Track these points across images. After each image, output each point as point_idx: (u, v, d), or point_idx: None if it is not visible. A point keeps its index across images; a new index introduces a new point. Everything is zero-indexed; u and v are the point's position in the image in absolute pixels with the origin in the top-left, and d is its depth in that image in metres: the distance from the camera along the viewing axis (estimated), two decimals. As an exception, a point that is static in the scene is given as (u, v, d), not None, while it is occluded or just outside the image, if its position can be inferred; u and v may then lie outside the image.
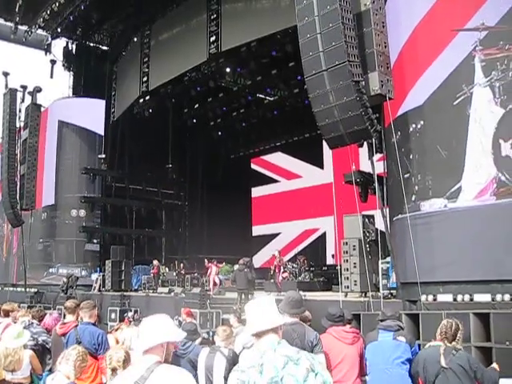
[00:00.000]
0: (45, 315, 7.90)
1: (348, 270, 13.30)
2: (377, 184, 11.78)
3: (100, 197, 27.34)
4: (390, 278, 12.28)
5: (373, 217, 13.79)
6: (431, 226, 10.45)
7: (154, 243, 29.51)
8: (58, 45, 27.67)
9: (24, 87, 23.95)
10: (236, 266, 16.60)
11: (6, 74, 24.02)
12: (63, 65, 28.22)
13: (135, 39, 26.32)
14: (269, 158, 31.45)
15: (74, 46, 28.26)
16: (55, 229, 26.69)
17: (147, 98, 26.68)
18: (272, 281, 19.12)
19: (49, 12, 23.11)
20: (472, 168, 9.90)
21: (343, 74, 10.07)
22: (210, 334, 9.33)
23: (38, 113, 23.47)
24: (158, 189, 30.37)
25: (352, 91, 10.04)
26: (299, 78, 20.42)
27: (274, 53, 23.06)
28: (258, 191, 31.71)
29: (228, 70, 25.76)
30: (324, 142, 11.82)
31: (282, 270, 18.83)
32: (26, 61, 30.76)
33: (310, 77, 10.64)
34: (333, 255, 24.32)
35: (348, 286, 13.19)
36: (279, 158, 30.66)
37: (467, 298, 9.53)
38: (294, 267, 20.08)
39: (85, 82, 28.01)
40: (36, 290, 23.29)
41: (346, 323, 5.90)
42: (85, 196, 26.28)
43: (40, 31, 25.57)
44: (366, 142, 11.81)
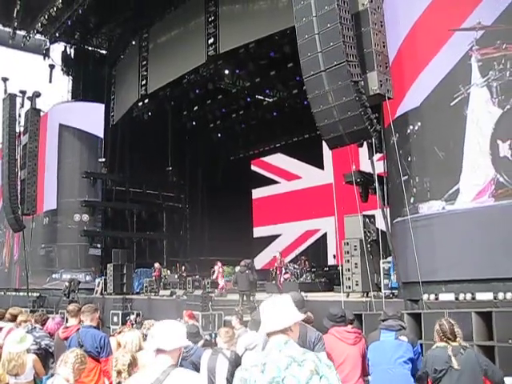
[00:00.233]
0: (47, 319, 7.92)
1: (349, 270, 13.30)
2: (377, 184, 11.79)
3: (101, 201, 27.29)
4: (391, 277, 12.29)
5: (373, 217, 13.80)
6: (430, 228, 10.43)
7: (155, 246, 29.50)
8: (57, 49, 27.68)
9: (23, 92, 23.98)
10: (237, 268, 16.59)
11: (5, 80, 24.07)
12: (62, 69, 28.22)
13: (133, 42, 26.31)
14: (269, 159, 31.45)
15: (73, 51, 28.23)
16: (58, 234, 26.53)
17: (146, 101, 26.68)
18: (273, 282, 19.13)
19: (47, 17, 23.11)
20: (470, 169, 9.86)
21: (342, 74, 10.08)
22: (212, 335, 9.36)
23: (37, 117, 23.48)
24: (158, 192, 30.35)
25: (351, 91, 10.05)
26: (298, 78, 20.46)
27: (272, 54, 23.03)
28: (258, 193, 31.71)
29: (227, 71, 25.75)
30: (324, 143, 11.83)
31: (284, 272, 18.84)
32: (25, 66, 30.82)
33: (308, 77, 10.64)
34: (334, 256, 24.33)
35: (350, 287, 13.20)
36: (279, 159, 30.66)
37: (469, 296, 9.53)
38: (295, 268, 20.07)
39: (84, 86, 28.00)
40: (38, 295, 23.27)
41: (347, 323, 5.90)
42: (86, 200, 26.20)
43: (38, 36, 25.54)
44: (365, 142, 11.82)
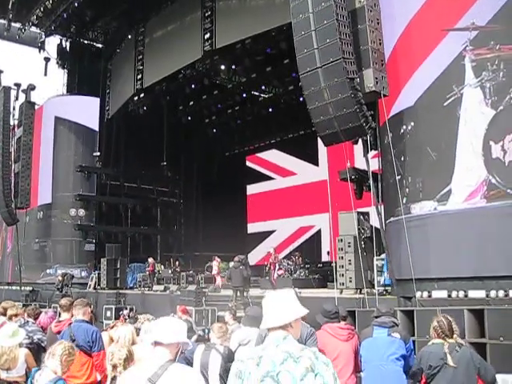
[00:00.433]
0: (40, 313, 7.89)
1: (343, 266, 13.33)
2: (371, 181, 11.80)
3: (95, 195, 27.22)
4: (385, 274, 12.33)
5: (368, 214, 13.84)
6: (423, 228, 10.44)
7: (149, 241, 29.51)
8: (52, 42, 27.62)
9: (18, 85, 23.86)
10: (231, 264, 16.61)
11: (-1, 72, 23.97)
12: (57, 62, 28.12)
13: (129, 37, 26.27)
14: (264, 155, 31.46)
15: (68, 44, 28.15)
16: (52, 228, 26.43)
17: (142, 95, 26.65)
18: (267, 278, 19.15)
19: (42, 9, 23.07)
20: (462, 170, 9.83)
21: (338, 70, 10.06)
22: (206, 331, 9.34)
23: (32, 111, 23.38)
24: (153, 186, 30.37)
25: (347, 88, 10.04)
26: (294, 75, 20.40)
27: (268, 50, 23.06)
28: (253, 188, 31.71)
29: (223, 67, 25.76)
30: (319, 139, 11.82)
31: (278, 268, 18.86)
32: (20, 58, 30.62)
33: (304, 74, 10.62)
34: (328, 252, 24.41)
35: (343, 283, 13.23)
36: (274, 156, 30.68)
37: (462, 294, 9.56)
38: (289, 264, 20.12)
39: (79, 79, 27.94)
40: (31, 289, 23.20)
41: (340, 320, 5.91)
42: (80, 194, 26.12)
43: (34, 28, 25.51)
44: (360, 139, 11.82)
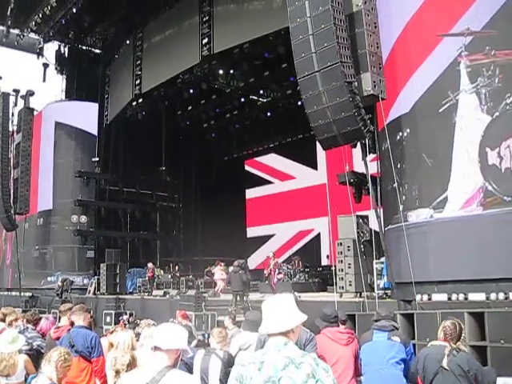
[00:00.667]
0: (39, 319, 7.88)
1: (343, 270, 13.32)
2: (370, 184, 11.80)
3: (94, 200, 27.20)
4: (384, 277, 12.32)
5: (367, 217, 13.83)
6: (420, 235, 10.40)
7: (148, 246, 29.47)
8: (51, 48, 27.69)
9: (17, 91, 23.90)
10: (231, 268, 16.59)
11: (-2, 78, 24.00)
12: (56, 68, 28.19)
13: (128, 42, 26.27)
14: (262, 159, 31.45)
15: (67, 50, 28.22)
16: (53, 235, 26.36)
17: (140, 100, 26.66)
18: (267, 282, 19.11)
19: (41, 15, 23.08)
20: (458, 177, 9.79)
21: (336, 74, 10.08)
22: (206, 336, 9.34)
23: (30, 117, 23.40)
24: (152, 191, 30.36)
25: (345, 92, 10.05)
26: (292, 79, 20.46)
27: (266, 54, 23.05)
28: (252, 193, 31.69)
29: (221, 71, 25.74)
30: (317, 143, 11.83)
31: (277, 272, 18.82)
32: (19, 64, 30.66)
33: (302, 78, 10.64)
34: (327, 256, 24.37)
35: (343, 287, 13.22)
36: (273, 160, 30.67)
37: (462, 297, 9.55)
38: (288, 268, 20.08)
39: (78, 85, 28.00)
40: (31, 294, 23.16)
41: (340, 324, 5.91)
42: (79, 199, 26.12)
43: (32, 35, 25.54)
44: (359, 143, 11.83)
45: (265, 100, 28.80)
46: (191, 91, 26.94)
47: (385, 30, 11.11)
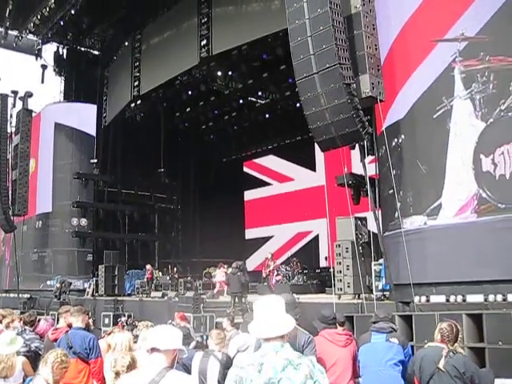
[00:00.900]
0: (36, 320, 7.87)
1: (341, 272, 13.33)
2: (369, 186, 11.80)
3: (92, 202, 27.14)
4: (382, 279, 12.33)
5: (365, 219, 13.84)
6: (416, 241, 10.35)
7: (147, 247, 29.44)
8: (49, 50, 27.61)
9: (15, 92, 23.83)
10: (229, 270, 16.59)
11: (-4, 80, 23.93)
12: (54, 70, 28.14)
13: (126, 43, 26.28)
14: (261, 161, 31.44)
15: (65, 51, 28.18)
16: (52, 238, 26.15)
17: (139, 102, 26.62)
18: (265, 284, 19.13)
19: (39, 17, 23.04)
20: (452, 184, 9.72)
21: (334, 76, 10.09)
22: (204, 337, 9.34)
23: (29, 118, 23.34)
24: (150, 193, 30.36)
25: (343, 94, 10.06)
26: (290, 80, 20.47)
27: (265, 56, 23.04)
28: (250, 194, 31.68)
29: (219, 73, 25.75)
30: (316, 145, 11.83)
31: (276, 273, 18.84)
32: (17, 66, 30.66)
33: (301, 80, 10.65)
34: (326, 258, 24.35)
35: (341, 289, 13.22)
36: (271, 161, 30.67)
37: (460, 298, 9.54)
38: (287, 270, 20.08)
39: (76, 86, 27.92)
40: (29, 296, 23.14)
41: (338, 325, 5.91)
42: (77, 201, 26.06)
43: (30, 36, 25.46)
44: (357, 145, 11.84)
45: (263, 102, 28.81)
46: (190, 93, 26.92)
47: (383, 32, 11.11)
